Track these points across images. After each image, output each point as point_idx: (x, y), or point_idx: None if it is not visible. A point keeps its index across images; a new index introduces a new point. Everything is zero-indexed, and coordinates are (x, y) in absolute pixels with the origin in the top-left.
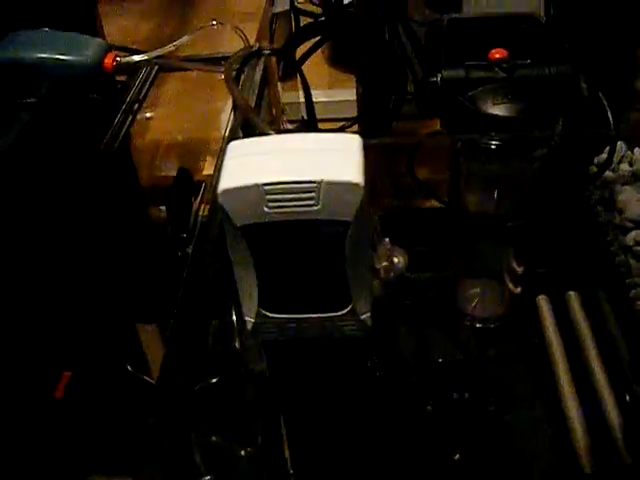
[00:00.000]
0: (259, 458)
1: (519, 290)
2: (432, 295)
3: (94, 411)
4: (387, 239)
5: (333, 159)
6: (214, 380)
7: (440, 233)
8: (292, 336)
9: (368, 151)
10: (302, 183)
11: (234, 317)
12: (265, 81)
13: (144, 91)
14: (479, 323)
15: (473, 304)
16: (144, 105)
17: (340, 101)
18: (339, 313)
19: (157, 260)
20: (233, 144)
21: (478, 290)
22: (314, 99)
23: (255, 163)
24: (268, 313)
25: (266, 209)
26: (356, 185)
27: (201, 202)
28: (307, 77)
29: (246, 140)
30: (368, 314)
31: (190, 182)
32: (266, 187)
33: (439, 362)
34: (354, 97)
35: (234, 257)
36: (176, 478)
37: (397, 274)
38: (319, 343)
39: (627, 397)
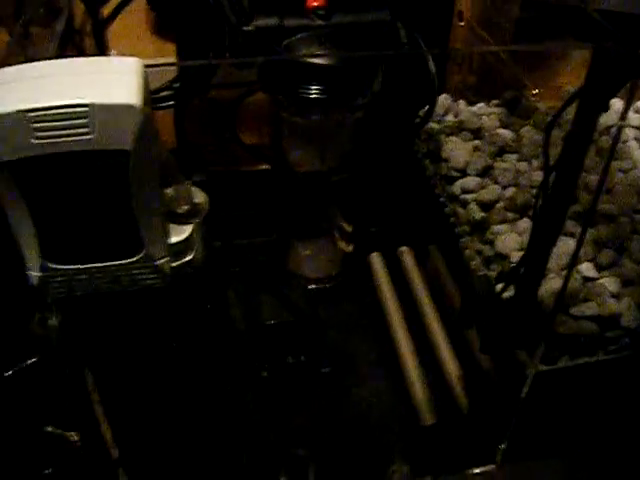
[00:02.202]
0: (83, 441)
1: (351, 248)
2: (263, 259)
3: None
4: (187, 181)
5: (107, 82)
6: (31, 361)
7: (268, 196)
8: (84, 291)
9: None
10: (71, 107)
11: None
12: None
13: None
14: (312, 284)
15: (305, 265)
16: None
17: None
18: (132, 260)
19: None
20: None
21: (309, 251)
22: None
23: (17, 90)
24: (53, 264)
25: (33, 141)
26: (132, 107)
27: None
28: (130, 47)
29: (10, 68)
30: (165, 259)
31: None
32: (29, 114)
33: (268, 325)
34: None
35: (5, 202)
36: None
37: (200, 217)
38: (116, 298)
39: (462, 347)
